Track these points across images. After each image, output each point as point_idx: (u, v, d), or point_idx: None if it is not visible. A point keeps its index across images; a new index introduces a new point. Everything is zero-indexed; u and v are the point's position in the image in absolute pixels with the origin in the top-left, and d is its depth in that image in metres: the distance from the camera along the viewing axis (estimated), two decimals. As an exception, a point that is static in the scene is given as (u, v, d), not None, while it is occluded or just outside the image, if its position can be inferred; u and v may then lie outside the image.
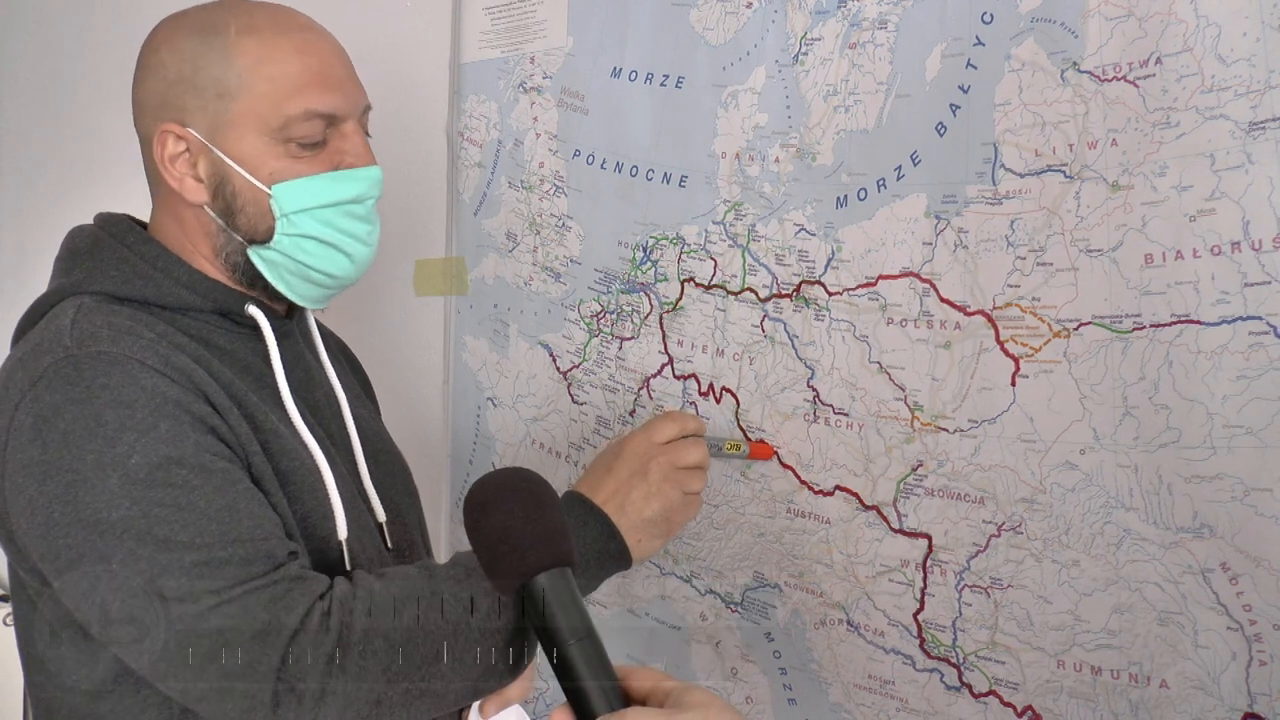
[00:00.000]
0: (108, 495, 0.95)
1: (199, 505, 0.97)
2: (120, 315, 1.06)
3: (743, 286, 1.30)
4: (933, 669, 1.17)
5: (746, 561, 1.33)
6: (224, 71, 1.09)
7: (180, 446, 0.98)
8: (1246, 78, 0.91)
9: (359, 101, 1.16)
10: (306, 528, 1.09)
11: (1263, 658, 0.94)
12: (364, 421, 1.27)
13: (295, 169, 1.11)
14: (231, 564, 0.97)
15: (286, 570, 1.00)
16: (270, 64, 1.10)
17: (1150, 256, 0.97)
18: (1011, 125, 1.05)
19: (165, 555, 0.95)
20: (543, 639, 0.85)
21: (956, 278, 1.10)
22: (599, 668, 0.83)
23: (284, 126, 1.10)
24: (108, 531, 0.95)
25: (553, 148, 1.50)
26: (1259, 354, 0.92)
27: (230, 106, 1.10)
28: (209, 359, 1.08)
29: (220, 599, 0.96)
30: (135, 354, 1.01)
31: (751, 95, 1.27)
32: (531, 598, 0.86)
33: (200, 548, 0.96)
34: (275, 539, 1.01)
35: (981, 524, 1.11)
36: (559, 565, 0.86)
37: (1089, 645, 1.05)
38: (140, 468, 0.96)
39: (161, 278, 1.12)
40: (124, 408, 0.98)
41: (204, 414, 1.02)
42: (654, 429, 1.26)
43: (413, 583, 1.05)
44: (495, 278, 1.62)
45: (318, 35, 1.14)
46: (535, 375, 1.57)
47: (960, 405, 1.11)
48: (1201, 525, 0.97)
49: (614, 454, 1.25)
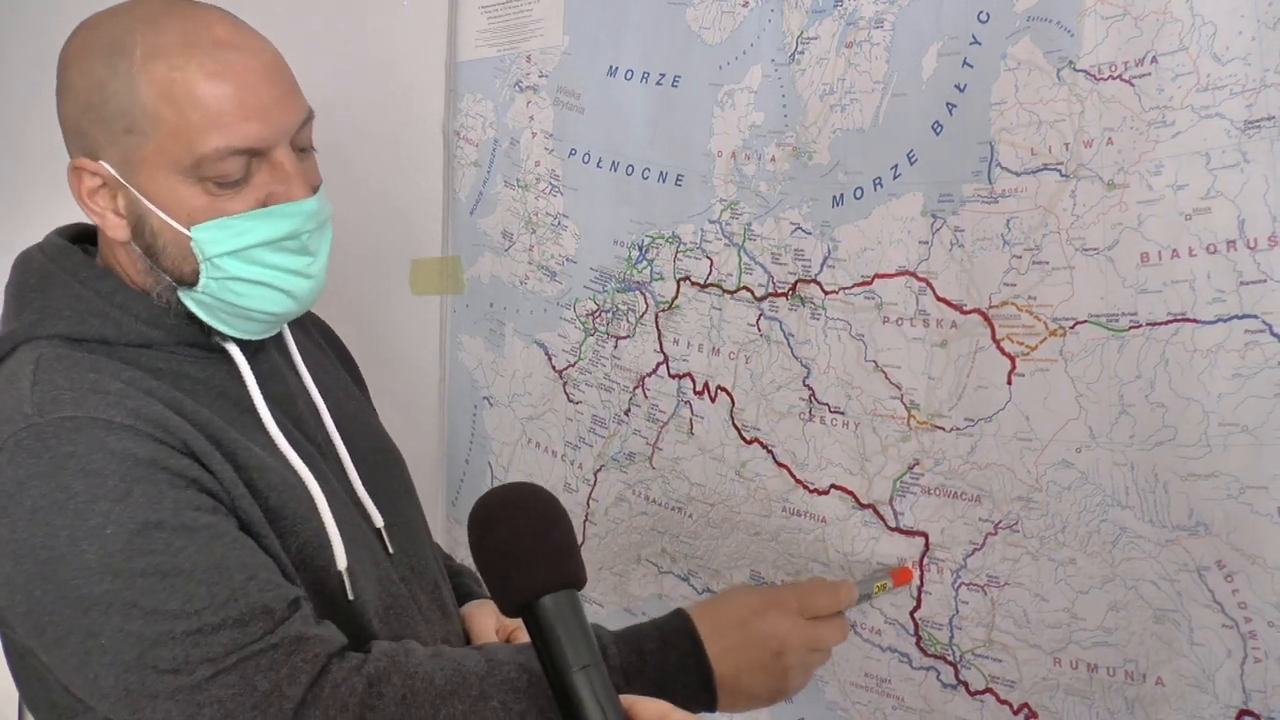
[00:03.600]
0: (86, 571, 0.90)
1: (185, 569, 0.92)
2: (82, 367, 0.99)
3: (738, 285, 1.30)
4: (929, 667, 1.17)
5: (743, 560, 1.34)
6: (130, 103, 0.98)
7: (158, 509, 0.92)
8: (1242, 76, 0.91)
9: (289, 123, 1.03)
10: (303, 559, 1.04)
11: (1257, 654, 0.95)
12: (351, 420, 1.22)
13: (217, 207, 1.01)
14: (226, 628, 0.92)
15: (286, 629, 0.94)
16: (178, 95, 0.98)
17: (1146, 255, 0.97)
18: (1008, 124, 1.05)
19: (155, 627, 0.90)
20: (545, 665, 0.81)
21: (953, 276, 1.10)
22: (604, 697, 0.79)
23: (197, 165, 0.99)
24: (92, 608, 0.90)
25: (549, 146, 1.50)
26: (1254, 352, 0.92)
27: (140, 143, 0.99)
28: (182, 400, 1.01)
29: (217, 668, 0.91)
30: (102, 414, 0.95)
31: (748, 94, 1.27)
32: (535, 620, 0.81)
33: (191, 615, 0.91)
34: (272, 590, 0.95)
35: (978, 522, 1.11)
36: (566, 587, 0.82)
37: (1085, 643, 1.05)
38: (118, 538, 0.90)
39: (120, 315, 1.04)
40: (93, 476, 0.92)
41: (182, 468, 0.96)
42: (806, 600, 1.11)
43: (464, 677, 0.97)
44: (491, 276, 1.62)
45: (237, 51, 1.00)
46: (531, 374, 1.57)
47: (956, 404, 1.11)
48: (1197, 523, 0.97)
49: (755, 611, 1.09)
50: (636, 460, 1.44)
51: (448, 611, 1.22)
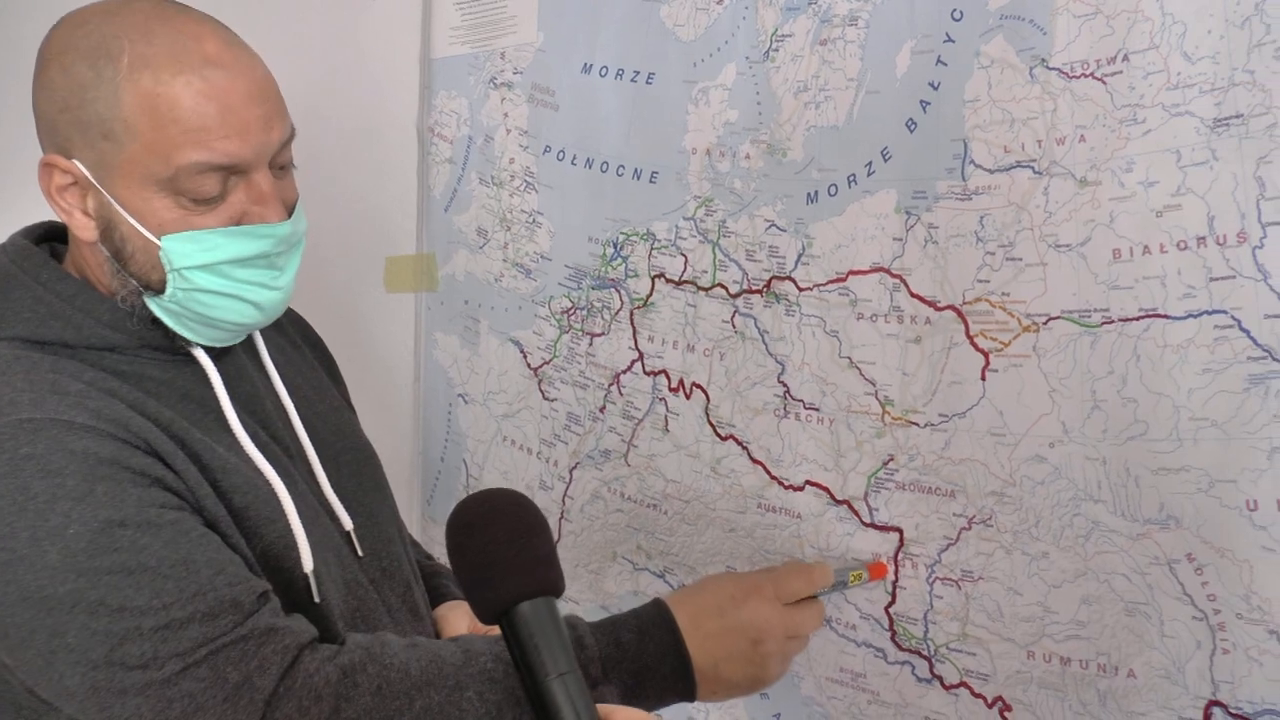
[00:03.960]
0: (49, 571, 0.89)
1: (150, 565, 0.91)
2: (41, 368, 0.98)
3: (713, 282, 1.30)
4: (904, 661, 1.18)
5: (718, 556, 1.34)
6: (111, 111, 0.97)
7: (121, 507, 0.91)
8: (1211, 75, 0.92)
9: (269, 143, 1.02)
10: (269, 561, 1.03)
11: (1226, 646, 0.96)
12: (322, 420, 1.21)
13: (189, 221, 1.00)
14: (195, 622, 0.91)
15: (256, 621, 0.94)
16: (161, 109, 0.97)
17: (1118, 251, 0.98)
18: (981, 121, 1.06)
19: (123, 623, 0.89)
20: (522, 672, 0.81)
21: (926, 273, 1.11)
22: (581, 705, 0.78)
23: (173, 179, 0.98)
24: (56, 608, 0.89)
25: (523, 143, 1.50)
26: (1224, 347, 0.93)
27: (117, 150, 0.98)
28: (144, 401, 1.00)
29: (186, 661, 0.90)
30: (62, 415, 0.93)
31: (722, 91, 1.27)
32: (512, 627, 0.81)
33: (159, 610, 0.90)
34: (240, 584, 0.95)
35: (952, 517, 1.12)
36: (543, 594, 0.82)
37: (1058, 636, 1.06)
38: (81, 537, 0.89)
39: (81, 318, 1.03)
40: (53, 476, 0.90)
41: (144, 466, 0.95)
42: (783, 585, 1.12)
43: (440, 667, 0.97)
44: (466, 274, 1.62)
45: (224, 68, 0.99)
46: (506, 372, 1.57)
47: (930, 399, 1.12)
48: (1168, 517, 0.98)
49: (733, 598, 1.10)
50: (612, 457, 1.44)
51: (419, 614, 1.22)
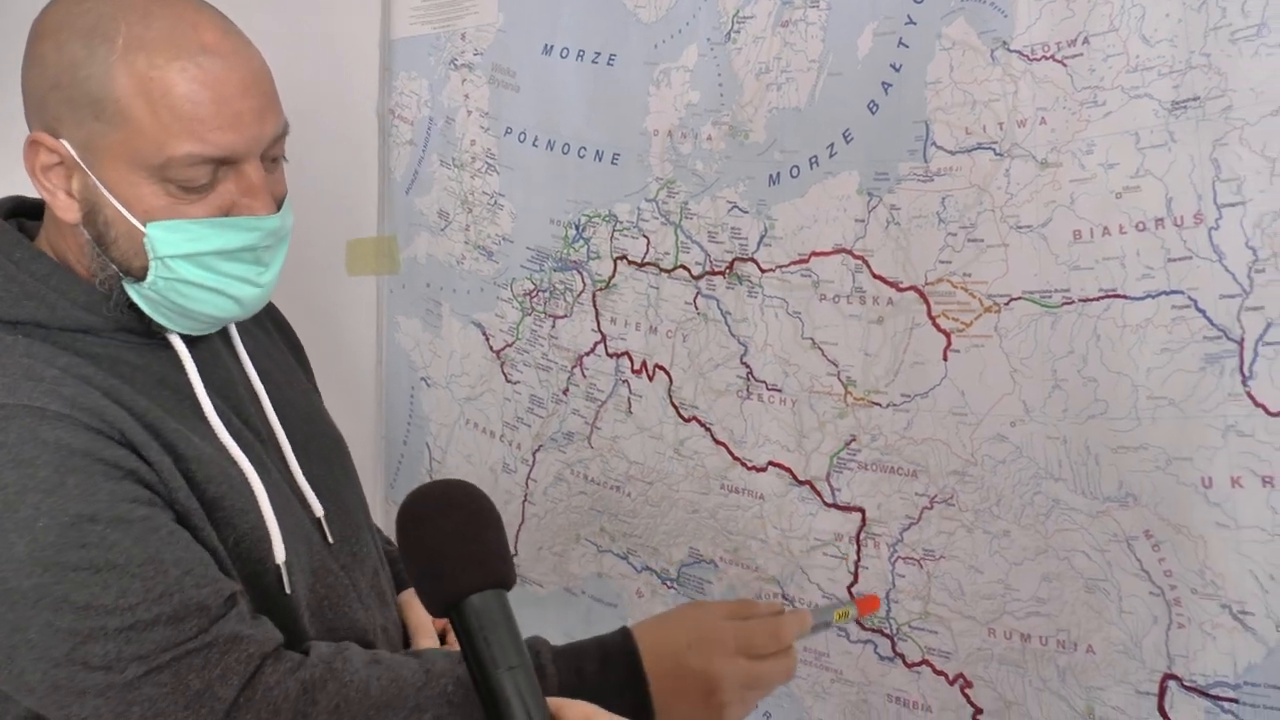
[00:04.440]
0: (15, 564, 0.87)
1: (119, 563, 0.89)
2: (14, 351, 0.95)
3: (675, 264, 1.31)
4: (866, 640, 1.19)
5: (681, 538, 1.34)
6: (103, 92, 0.95)
7: (92, 502, 0.89)
8: (1169, 58, 0.93)
9: (262, 135, 1.00)
10: (241, 552, 1.01)
11: (1181, 620, 0.97)
12: (292, 406, 1.19)
13: (176, 210, 0.98)
14: (159, 624, 0.89)
15: (221, 628, 0.92)
16: (154, 93, 0.94)
17: (1078, 232, 0.99)
18: (943, 103, 1.06)
19: (87, 622, 0.88)
20: (471, 665, 0.79)
21: (889, 254, 1.12)
22: (530, 699, 0.77)
23: (164, 166, 0.95)
24: (20, 602, 0.87)
25: (484, 125, 1.50)
26: (1181, 327, 0.95)
27: (107, 132, 0.95)
28: (119, 388, 0.98)
29: (149, 665, 0.89)
30: (36, 401, 0.91)
31: (684, 73, 1.27)
32: (461, 620, 0.79)
33: (124, 610, 0.88)
34: (208, 585, 0.93)
35: (914, 497, 1.13)
36: (493, 587, 0.80)
37: (1019, 613, 1.07)
38: (49, 531, 0.88)
39: (56, 299, 1.00)
40: (24, 466, 0.88)
41: (118, 458, 0.93)
42: (747, 639, 1.05)
43: (400, 688, 0.96)
44: (427, 256, 1.61)
45: (221, 57, 0.97)
46: (469, 354, 1.57)
47: (893, 380, 1.13)
48: (1126, 494, 0.99)
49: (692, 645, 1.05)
50: (575, 440, 1.44)
51: (386, 599, 1.21)
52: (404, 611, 1.27)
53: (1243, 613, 0.94)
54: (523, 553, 1.53)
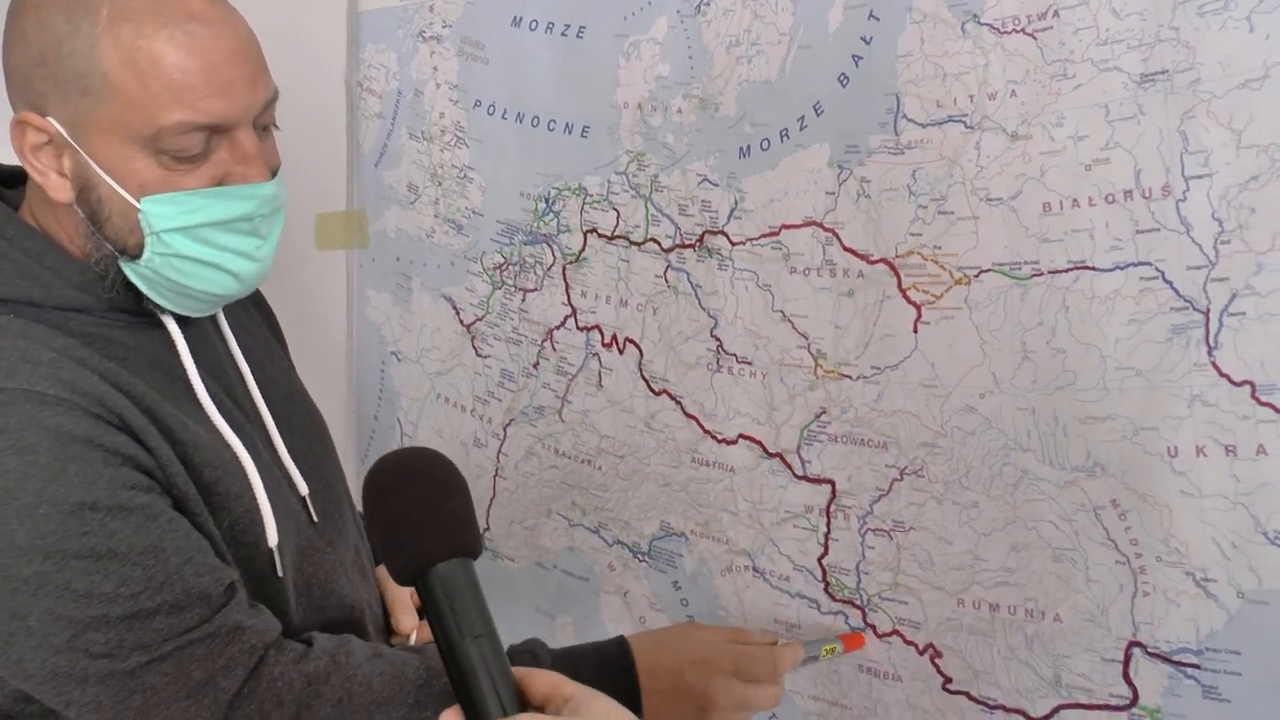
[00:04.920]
0: (15, 551, 0.87)
1: (120, 551, 0.89)
2: (9, 333, 0.94)
3: (646, 237, 1.30)
4: (837, 611, 1.19)
5: (653, 511, 1.35)
6: (89, 66, 0.93)
7: (93, 489, 0.89)
8: (1138, 31, 0.94)
9: (254, 102, 0.99)
10: (234, 536, 1.01)
11: (1146, 588, 0.98)
12: (274, 384, 1.19)
13: (170, 182, 0.97)
14: (161, 613, 0.90)
15: (224, 618, 0.93)
16: (142, 64, 0.93)
17: (1048, 205, 1.00)
18: (913, 76, 1.06)
19: (88, 610, 0.88)
20: (437, 635, 0.79)
21: (859, 226, 1.12)
22: (495, 668, 0.77)
23: (155, 137, 0.94)
24: (20, 589, 0.87)
25: (453, 98, 1.49)
26: (1148, 298, 0.95)
27: (95, 107, 0.94)
28: (116, 371, 0.97)
29: (151, 655, 0.89)
30: (35, 385, 0.91)
31: (653, 45, 1.27)
32: (428, 590, 0.79)
33: (127, 598, 0.89)
34: (208, 574, 0.93)
35: (884, 468, 1.14)
36: (459, 555, 0.80)
37: (987, 583, 1.08)
38: (50, 518, 0.87)
39: (50, 277, 0.99)
40: (26, 453, 0.88)
41: (117, 445, 0.92)
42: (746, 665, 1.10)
43: (401, 685, 0.97)
44: (397, 230, 1.60)
45: (209, 26, 0.96)
46: (439, 329, 1.56)
47: (863, 352, 1.13)
48: (1094, 464, 1.00)
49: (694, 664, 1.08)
50: (546, 413, 1.44)
51: (367, 575, 1.21)
52: (381, 586, 1.27)
53: (1205, 580, 0.95)
54: (494, 527, 1.53)
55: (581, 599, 1.45)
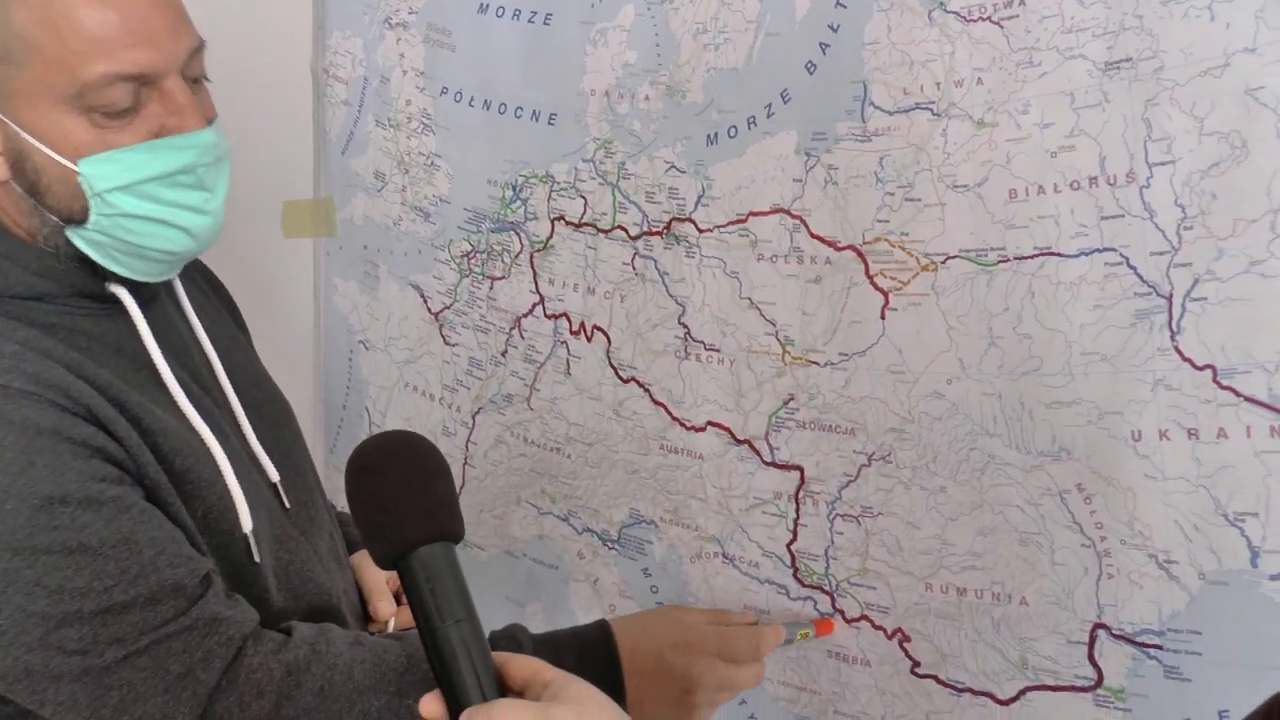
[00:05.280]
0: None
1: (91, 545, 0.88)
2: None
3: (613, 224, 1.30)
4: (806, 597, 1.20)
5: (622, 499, 1.35)
6: (3, 33, 0.91)
7: (62, 483, 0.88)
8: (1103, 19, 0.94)
9: (179, 50, 0.97)
10: (208, 524, 1.00)
11: (1110, 571, 1.00)
12: (241, 371, 1.18)
13: (105, 140, 0.94)
14: (136, 607, 0.88)
15: (201, 609, 0.92)
16: (57, 20, 0.91)
17: (1014, 191, 1.00)
18: (880, 64, 1.07)
19: (61, 606, 0.86)
20: (418, 619, 0.79)
21: (826, 214, 1.12)
22: (476, 653, 0.77)
23: (81, 94, 0.92)
24: None
25: (420, 85, 1.48)
26: (1113, 284, 0.96)
27: (16, 72, 0.92)
28: (81, 361, 0.95)
29: (127, 649, 0.88)
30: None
31: (620, 32, 1.27)
32: (409, 573, 0.79)
33: (100, 593, 0.87)
34: (182, 565, 0.92)
35: (852, 454, 1.14)
36: (441, 539, 0.80)
37: (955, 568, 1.09)
38: (19, 513, 0.86)
39: (7, 265, 0.98)
40: None
41: (86, 436, 0.91)
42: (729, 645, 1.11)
43: (383, 672, 0.96)
44: (364, 218, 1.60)
45: None
46: (407, 317, 1.56)
47: (830, 339, 1.14)
48: (1060, 449, 1.01)
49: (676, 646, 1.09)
50: (514, 402, 1.44)
51: (341, 562, 1.21)
52: (357, 573, 1.26)
53: (1168, 562, 0.96)
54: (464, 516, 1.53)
55: (551, 587, 1.45)
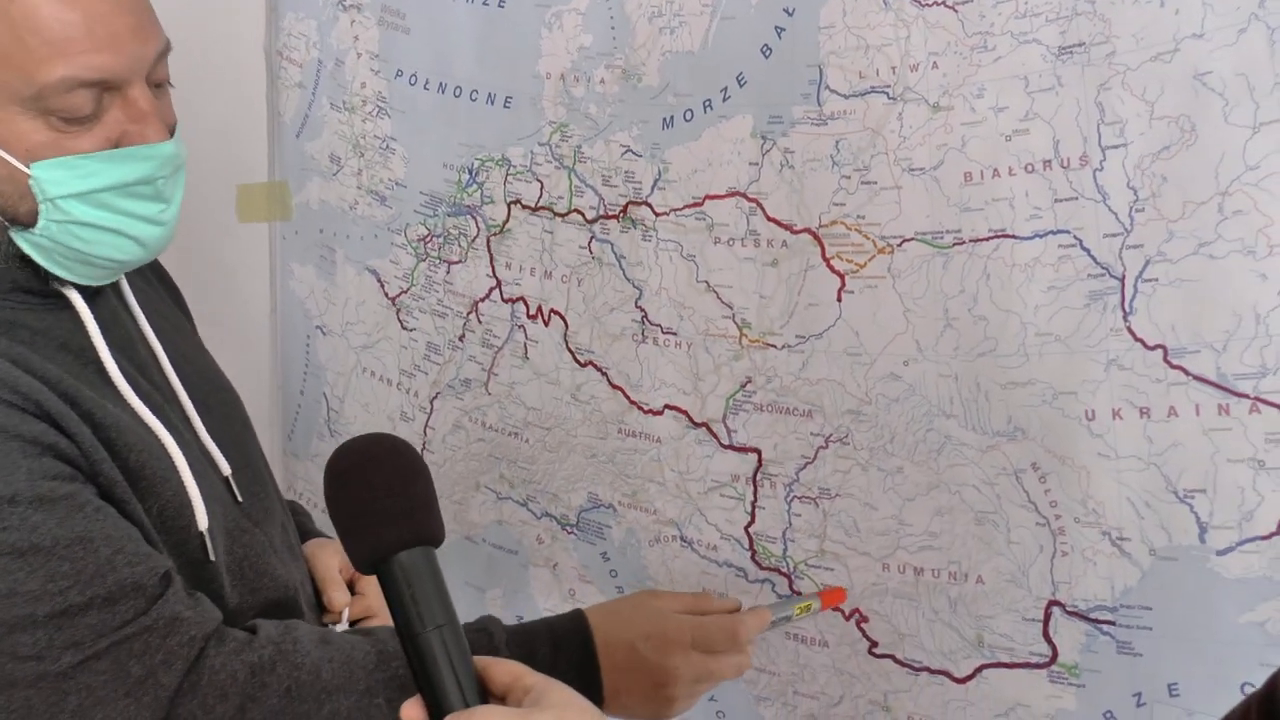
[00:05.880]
0: None
1: (44, 545, 0.85)
2: None
3: (569, 208, 1.30)
4: (764, 579, 1.21)
5: (580, 483, 1.35)
6: None
7: (11, 482, 0.85)
8: (1056, 4, 0.95)
9: (143, 55, 0.93)
10: (164, 521, 0.97)
11: (1064, 549, 1.01)
12: (188, 362, 1.15)
13: (62, 145, 0.91)
14: (93, 609, 0.86)
15: (161, 609, 0.89)
16: (15, 17, 0.87)
17: (969, 175, 1.01)
18: (836, 48, 1.07)
19: (13, 610, 0.83)
20: (398, 624, 0.78)
21: (783, 197, 1.13)
22: (457, 658, 0.76)
23: (39, 96, 0.89)
24: None
25: (374, 67, 1.47)
26: (1067, 265, 0.97)
27: None
28: (28, 356, 0.92)
29: (84, 653, 0.85)
30: None
31: (575, 16, 1.26)
32: (390, 578, 0.78)
33: (54, 595, 0.84)
34: (140, 564, 0.89)
35: (809, 436, 1.15)
36: (421, 544, 0.79)
37: (912, 548, 1.10)
38: None
39: None
40: None
41: (36, 433, 0.88)
42: (705, 636, 1.07)
43: (351, 671, 0.94)
44: (320, 202, 1.58)
45: None
46: (364, 302, 1.55)
47: (787, 322, 1.14)
48: (1015, 429, 1.02)
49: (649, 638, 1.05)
50: (472, 386, 1.44)
51: (296, 553, 1.19)
52: (310, 563, 1.25)
53: (1120, 539, 0.98)
54: (421, 501, 1.53)
55: (510, 572, 1.45)
